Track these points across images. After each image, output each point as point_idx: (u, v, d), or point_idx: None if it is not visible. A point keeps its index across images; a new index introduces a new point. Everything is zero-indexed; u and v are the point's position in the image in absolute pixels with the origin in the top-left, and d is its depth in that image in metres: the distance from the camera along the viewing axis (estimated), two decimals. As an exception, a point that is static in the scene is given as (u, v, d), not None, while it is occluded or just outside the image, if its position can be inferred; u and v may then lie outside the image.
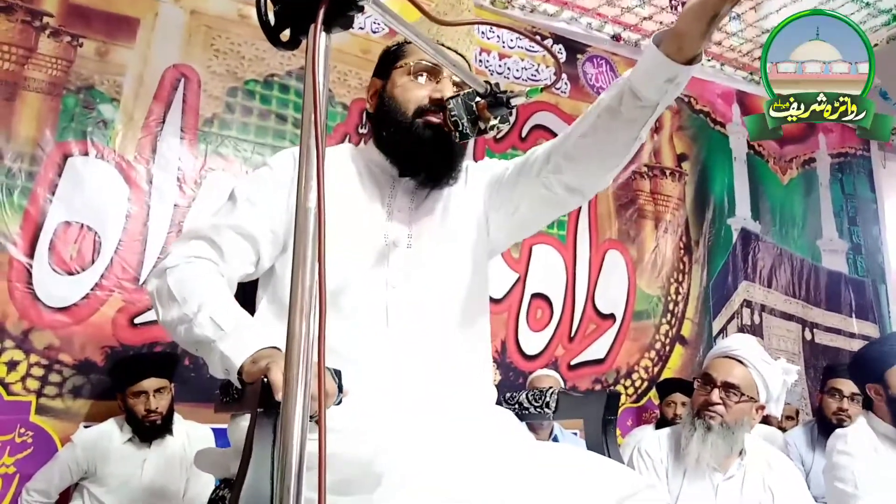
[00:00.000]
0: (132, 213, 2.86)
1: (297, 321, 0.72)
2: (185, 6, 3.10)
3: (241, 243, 1.27)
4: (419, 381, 1.22)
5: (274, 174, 1.34)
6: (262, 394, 0.99)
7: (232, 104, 3.14)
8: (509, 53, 3.92)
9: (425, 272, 1.30)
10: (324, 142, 0.78)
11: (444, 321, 1.30)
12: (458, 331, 1.31)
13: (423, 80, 1.32)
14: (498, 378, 3.53)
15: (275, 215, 1.28)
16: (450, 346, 1.29)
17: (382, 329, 1.24)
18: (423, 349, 1.25)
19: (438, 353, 1.27)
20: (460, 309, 1.33)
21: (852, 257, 5.29)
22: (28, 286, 2.66)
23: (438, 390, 1.23)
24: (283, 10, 0.83)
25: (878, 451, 2.14)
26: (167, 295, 1.19)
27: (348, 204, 1.31)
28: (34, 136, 2.75)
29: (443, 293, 1.31)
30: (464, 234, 1.38)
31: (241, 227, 1.27)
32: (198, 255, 1.24)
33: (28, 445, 2.60)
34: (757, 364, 1.97)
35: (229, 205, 1.32)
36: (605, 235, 4.07)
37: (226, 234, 1.27)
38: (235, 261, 1.26)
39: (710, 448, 1.92)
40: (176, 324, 1.17)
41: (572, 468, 1.11)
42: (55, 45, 2.83)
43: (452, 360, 1.28)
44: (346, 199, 1.31)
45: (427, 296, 1.29)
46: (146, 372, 2.55)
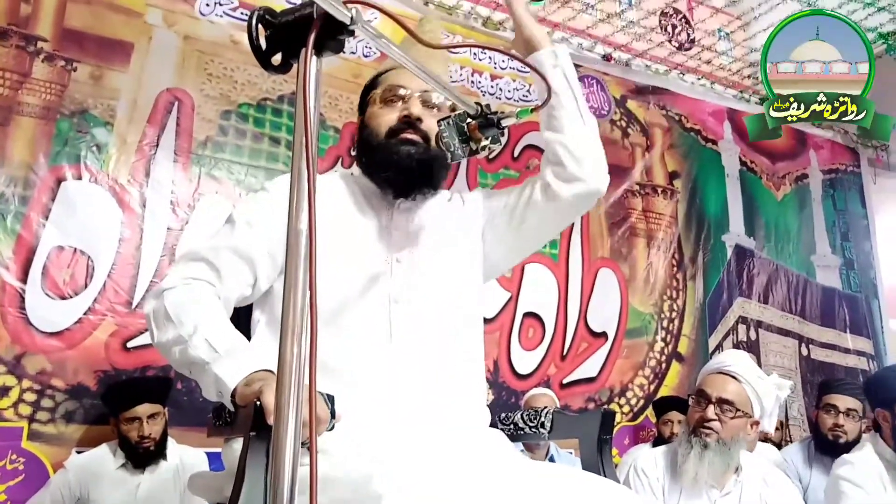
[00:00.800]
0: (125, 236, 2.85)
1: (288, 344, 0.72)
2: (179, 31, 3.13)
3: (239, 264, 1.28)
4: (418, 395, 1.23)
5: (272, 197, 1.35)
6: (255, 417, 0.98)
7: (225, 127, 3.15)
8: (501, 74, 3.96)
9: (426, 287, 1.32)
10: (315, 164, 0.79)
11: (444, 335, 1.31)
12: (457, 345, 1.33)
13: (390, 104, 1.37)
14: (491, 398, 3.52)
15: (273, 237, 1.29)
16: (448, 360, 1.30)
17: (385, 344, 1.25)
18: (424, 363, 1.26)
19: (438, 366, 1.28)
20: (458, 324, 1.35)
21: (845, 273, 5.31)
22: (21, 311, 2.64)
23: (437, 402, 1.24)
24: (274, 35, 0.84)
25: (883, 479, 2.12)
26: (163, 316, 1.20)
27: (346, 225, 1.33)
28: (28, 161, 2.75)
29: (442, 308, 1.33)
30: (460, 251, 1.40)
31: (238, 249, 1.28)
32: (195, 276, 1.25)
33: (20, 472, 2.57)
34: (751, 379, 1.97)
35: (227, 227, 1.33)
36: (598, 254, 4.08)
37: (224, 255, 1.27)
38: (232, 281, 1.27)
39: (707, 465, 1.91)
40: (171, 345, 1.17)
41: (570, 485, 1.11)
42: (49, 69, 2.85)
43: (451, 373, 1.29)
44: (344, 220, 1.33)
45: (428, 310, 1.30)
46: (139, 398, 2.53)
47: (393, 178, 1.34)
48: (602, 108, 4.29)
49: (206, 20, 3.18)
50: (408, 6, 3.61)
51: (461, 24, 3.82)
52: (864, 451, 2.22)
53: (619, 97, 4.38)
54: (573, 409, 3.72)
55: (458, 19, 3.80)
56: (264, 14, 0.83)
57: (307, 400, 0.71)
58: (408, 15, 3.53)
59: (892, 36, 4.09)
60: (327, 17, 0.80)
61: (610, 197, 4.19)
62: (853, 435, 3.00)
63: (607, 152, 1.42)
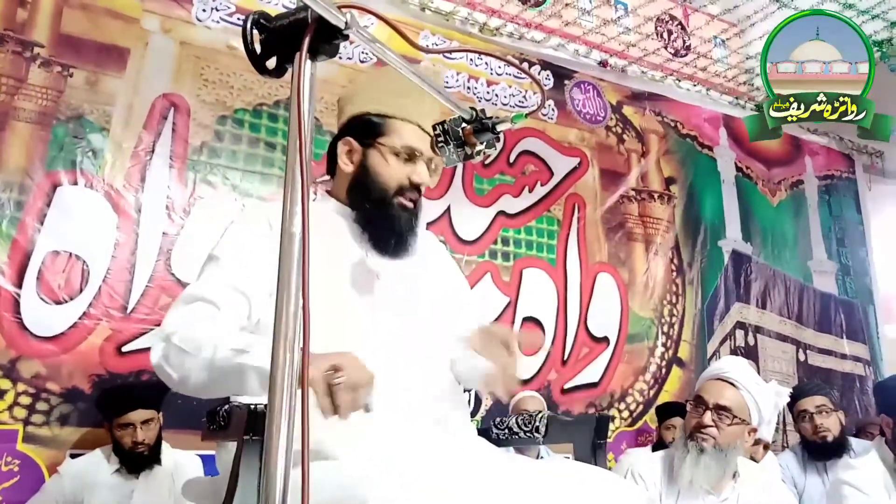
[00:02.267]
0: (120, 241, 2.85)
1: (280, 348, 0.72)
2: (175, 37, 3.13)
3: (235, 296, 1.28)
4: (414, 404, 1.26)
5: (273, 234, 1.35)
6: (249, 421, 0.98)
7: (221, 132, 3.15)
8: (497, 80, 3.96)
9: (406, 301, 1.36)
10: (309, 167, 0.79)
11: (431, 348, 1.35)
12: (442, 359, 1.38)
13: (402, 160, 1.40)
14: (488, 403, 3.51)
15: (260, 272, 1.28)
16: (437, 374, 1.33)
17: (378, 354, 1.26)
18: (414, 372, 1.29)
19: (427, 377, 1.31)
20: (438, 338, 1.39)
21: (841, 278, 5.32)
22: (16, 315, 2.63)
23: (430, 407, 1.27)
24: (269, 39, 0.84)
25: (887, 485, 2.11)
26: (176, 354, 1.20)
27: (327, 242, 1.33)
28: (23, 166, 2.75)
29: (426, 321, 1.38)
30: (430, 278, 1.46)
31: (231, 282, 1.28)
32: (195, 315, 1.25)
33: (14, 474, 2.56)
34: (748, 386, 1.97)
35: (213, 265, 1.33)
36: (595, 258, 4.08)
37: (219, 289, 1.28)
38: (231, 311, 1.27)
39: (703, 470, 1.91)
40: (195, 373, 1.17)
41: (576, 477, 1.13)
42: (45, 75, 2.84)
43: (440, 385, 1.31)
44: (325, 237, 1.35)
45: (413, 323, 1.35)
46: (133, 403, 2.52)
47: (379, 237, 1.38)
48: (598, 113, 4.30)
49: (203, 26, 3.19)
50: (404, 11, 3.62)
51: (458, 29, 3.83)
52: (869, 457, 2.21)
53: (615, 103, 4.40)
54: (574, 414, 3.69)
55: (455, 25, 3.81)
56: (259, 18, 0.84)
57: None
58: (404, 20, 3.54)
59: (887, 44, 4.11)
60: (322, 22, 0.80)
61: (606, 202, 4.20)
62: (836, 429, 3.03)
63: (603, 157, 1.45)
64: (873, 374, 5.19)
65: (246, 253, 1.31)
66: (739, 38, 4.47)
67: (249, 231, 1.36)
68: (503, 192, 3.87)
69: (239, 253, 1.32)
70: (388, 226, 1.38)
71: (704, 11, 4.36)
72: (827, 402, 3.08)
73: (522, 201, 3.92)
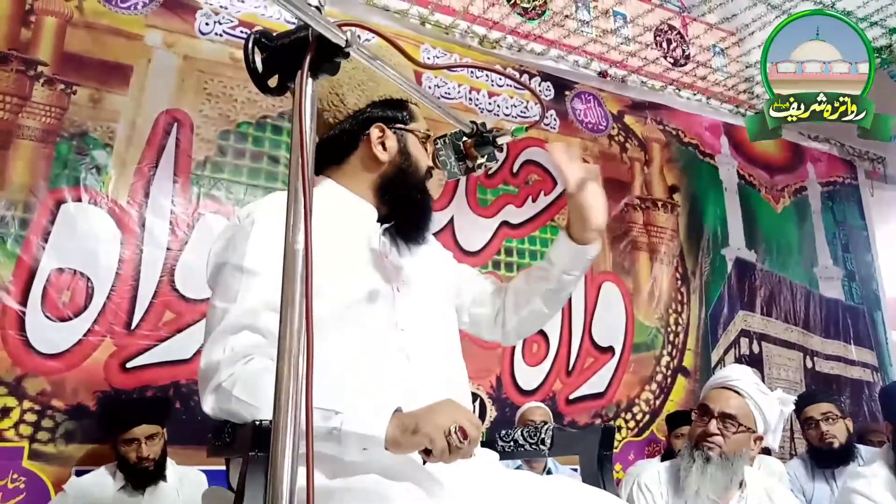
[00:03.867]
0: (125, 257, 2.86)
1: (285, 364, 0.72)
2: (178, 51, 3.15)
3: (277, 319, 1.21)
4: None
5: (271, 227, 1.31)
6: (254, 437, 0.98)
7: (224, 147, 3.16)
8: (498, 91, 3.98)
9: (424, 314, 1.33)
10: (311, 185, 0.79)
11: (449, 360, 1.35)
12: (459, 367, 1.37)
13: (423, 146, 1.39)
14: (494, 414, 3.50)
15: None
16: (456, 380, 1.33)
17: (405, 368, 1.24)
18: (437, 385, 1.25)
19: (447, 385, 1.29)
20: (454, 347, 1.38)
21: (847, 284, 5.30)
22: (21, 333, 2.64)
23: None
24: (270, 58, 0.85)
25: (894, 492, 2.10)
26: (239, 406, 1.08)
27: (342, 249, 1.28)
28: (28, 184, 2.76)
29: (441, 333, 1.36)
30: (440, 284, 1.44)
31: (271, 303, 1.11)
32: (243, 352, 1.13)
33: (20, 491, 2.56)
34: (753, 394, 1.96)
35: (247, 278, 1.19)
36: (600, 268, 4.07)
37: (262, 315, 1.15)
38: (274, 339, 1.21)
39: (710, 479, 1.90)
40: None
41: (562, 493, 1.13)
42: (49, 93, 2.87)
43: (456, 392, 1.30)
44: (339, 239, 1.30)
45: (431, 336, 1.32)
46: (137, 419, 2.52)
47: (419, 227, 1.36)
48: (600, 123, 4.31)
49: (206, 39, 3.21)
50: (404, 25, 3.64)
51: (458, 42, 3.85)
52: (877, 465, 2.20)
53: (616, 112, 4.41)
54: (579, 425, 3.68)
55: (455, 38, 3.83)
56: (260, 37, 0.84)
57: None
58: (404, 34, 3.56)
59: (886, 50, 4.12)
60: (322, 40, 0.81)
61: (611, 211, 4.20)
62: (843, 436, 3.01)
63: (606, 167, 1.46)
64: (881, 380, 5.16)
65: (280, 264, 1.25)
66: (738, 47, 4.48)
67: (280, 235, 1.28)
68: (506, 202, 3.88)
69: (276, 265, 1.23)
70: (424, 215, 1.37)
71: (703, 21, 4.37)
72: (833, 408, 3.07)
73: (526, 211, 3.92)
